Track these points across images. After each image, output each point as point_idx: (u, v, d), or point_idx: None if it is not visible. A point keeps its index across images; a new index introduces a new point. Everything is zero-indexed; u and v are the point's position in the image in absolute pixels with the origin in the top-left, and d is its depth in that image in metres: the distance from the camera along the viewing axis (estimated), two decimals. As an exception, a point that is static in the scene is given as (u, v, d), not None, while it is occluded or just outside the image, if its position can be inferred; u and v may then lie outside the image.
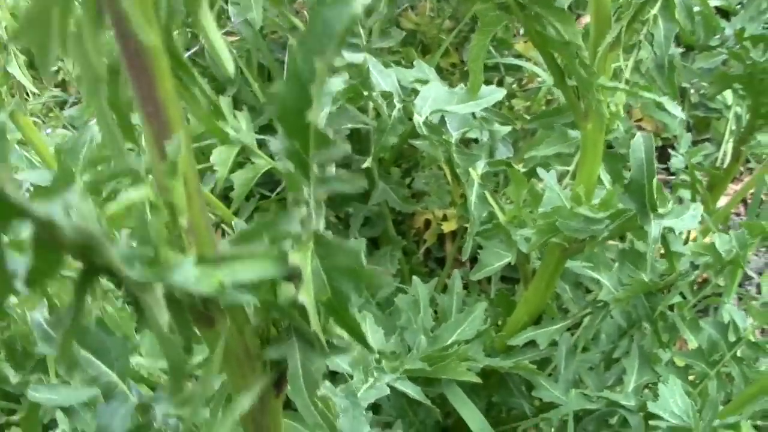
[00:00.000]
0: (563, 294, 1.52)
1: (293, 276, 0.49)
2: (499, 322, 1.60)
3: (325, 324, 0.51)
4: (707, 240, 1.46)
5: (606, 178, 1.35)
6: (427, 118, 1.35)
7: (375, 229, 1.91)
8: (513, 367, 1.39)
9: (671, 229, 1.13)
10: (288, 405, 0.63)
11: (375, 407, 1.68)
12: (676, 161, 1.55)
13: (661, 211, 1.09)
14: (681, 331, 1.55)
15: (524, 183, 1.34)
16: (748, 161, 2.35)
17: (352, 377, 1.17)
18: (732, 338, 1.41)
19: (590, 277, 1.52)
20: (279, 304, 0.51)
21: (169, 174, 0.44)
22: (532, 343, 1.51)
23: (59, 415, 0.76)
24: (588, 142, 1.24)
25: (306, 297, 0.47)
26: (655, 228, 1.08)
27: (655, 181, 1.05)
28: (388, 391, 1.14)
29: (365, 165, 1.45)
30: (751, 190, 2.05)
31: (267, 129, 1.95)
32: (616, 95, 1.25)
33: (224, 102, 1.82)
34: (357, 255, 0.48)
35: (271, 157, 1.86)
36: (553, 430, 1.44)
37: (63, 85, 2.48)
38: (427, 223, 1.98)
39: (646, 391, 1.47)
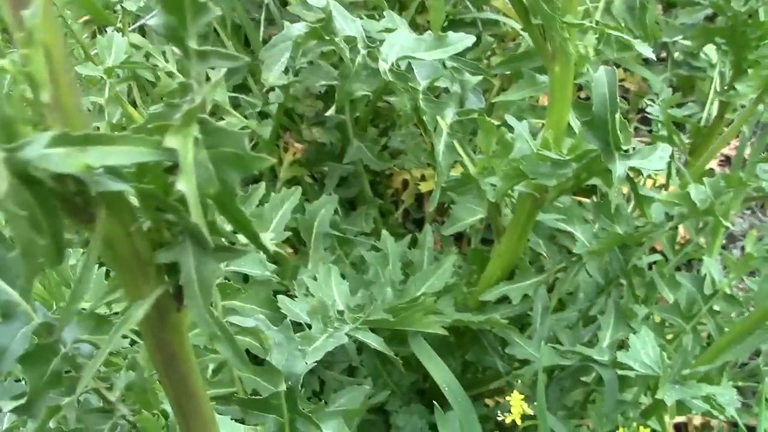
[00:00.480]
0: (537, 248, 1.48)
1: (176, 166, 0.45)
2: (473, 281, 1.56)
3: (213, 221, 0.47)
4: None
5: (577, 125, 1.30)
6: (393, 65, 1.31)
7: (351, 190, 1.87)
8: (485, 322, 1.36)
9: (638, 172, 1.09)
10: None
11: (350, 369, 1.65)
12: (653, 110, 1.50)
13: (626, 150, 1.05)
14: (659, 288, 1.51)
15: (494, 132, 1.30)
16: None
17: (310, 327, 1.13)
18: (708, 291, 1.37)
19: (565, 232, 1.49)
20: (163, 199, 0.47)
21: (26, 43, 0.40)
22: (505, 300, 1.48)
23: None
24: (556, 85, 1.20)
25: (186, 185, 0.43)
26: (620, 167, 1.04)
27: (618, 117, 1.01)
28: (346, 340, 1.11)
29: (328, 113, 1.41)
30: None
31: (241, 89, 1.91)
32: (586, 37, 1.21)
33: (197, 60, 1.78)
34: (241, 139, 0.44)
35: (245, 116, 1.82)
36: (523, 385, 1.41)
37: None
38: (405, 184, 1.94)
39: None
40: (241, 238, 0.50)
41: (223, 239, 0.48)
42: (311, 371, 1.66)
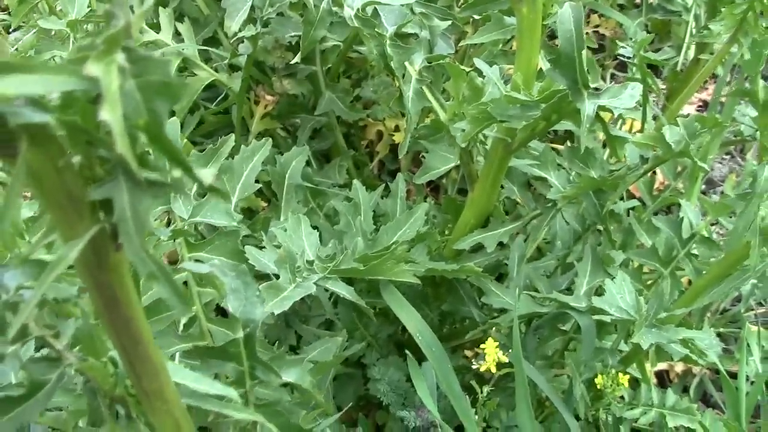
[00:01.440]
0: (511, 195, 1.45)
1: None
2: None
3: (144, 154, 0.44)
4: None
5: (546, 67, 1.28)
6: (359, 10, 1.28)
7: (324, 142, 1.84)
8: (459, 270, 1.33)
9: (610, 113, 1.06)
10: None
11: (328, 323, 1.63)
12: (626, 52, 1.48)
13: (595, 89, 1.02)
14: (637, 233, 1.50)
15: (463, 77, 1.27)
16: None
17: (277, 278, 1.11)
18: (686, 235, 1.35)
19: (540, 179, 1.47)
20: (91, 132, 0.44)
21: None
22: (480, 249, 1.46)
23: None
24: (524, 26, 1.16)
25: (110, 115, 0.41)
26: (588, 106, 1.01)
27: (585, 53, 0.99)
28: (314, 289, 1.08)
29: (294, 60, 1.38)
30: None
31: (211, 42, 1.87)
32: (554, -24, 1.18)
33: (165, 14, 1.74)
34: (167, 67, 0.42)
35: (215, 69, 1.79)
36: (501, 334, 1.39)
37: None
38: (380, 135, 1.91)
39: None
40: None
41: (156, 174, 0.46)
42: (287, 325, 1.65)
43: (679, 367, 1.72)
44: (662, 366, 1.72)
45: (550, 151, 1.42)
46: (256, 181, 1.38)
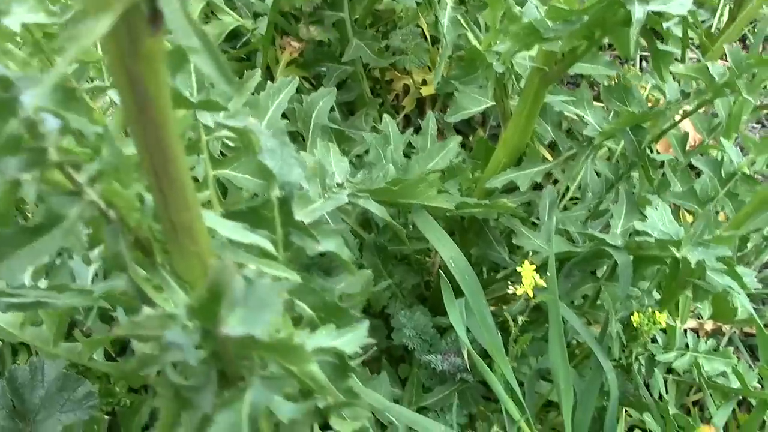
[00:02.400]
0: (545, 134, 1.41)
1: None
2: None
3: None
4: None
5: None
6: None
7: (350, 93, 1.80)
8: (491, 206, 1.28)
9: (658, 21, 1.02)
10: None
11: (350, 276, 1.58)
12: None
13: (642, -3, 0.98)
14: (671, 182, 1.45)
15: (501, 4, 1.23)
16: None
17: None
18: (725, 174, 1.30)
19: (575, 119, 1.42)
20: None
21: None
22: (513, 192, 1.41)
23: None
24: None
25: None
26: (638, 10, 0.96)
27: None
28: (345, 201, 1.04)
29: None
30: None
31: (236, -11, 1.84)
32: None
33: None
34: None
35: (240, 16, 1.75)
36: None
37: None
38: (406, 89, 1.87)
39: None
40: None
41: None
42: (308, 271, 1.60)
43: (709, 326, 1.67)
44: (692, 324, 1.67)
45: (587, 89, 1.37)
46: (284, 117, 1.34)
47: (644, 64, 2.19)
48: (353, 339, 0.62)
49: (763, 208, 1.16)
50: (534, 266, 1.22)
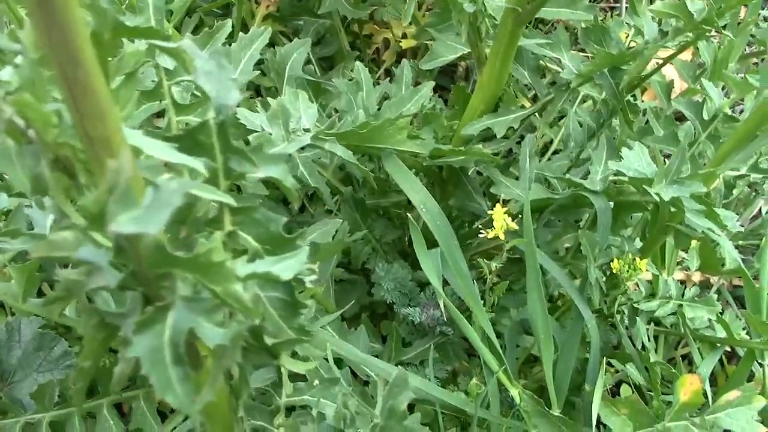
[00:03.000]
0: (522, 80, 1.37)
1: None
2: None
3: None
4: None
5: None
6: None
7: (328, 48, 1.76)
8: (466, 153, 1.25)
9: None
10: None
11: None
12: None
13: None
14: (654, 128, 1.41)
15: (473, -57, 1.19)
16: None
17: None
18: (707, 116, 1.27)
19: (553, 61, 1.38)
20: None
21: None
22: (490, 140, 1.38)
23: None
24: None
25: None
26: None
27: None
28: (308, 141, 1.00)
29: None
30: None
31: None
32: None
33: None
34: None
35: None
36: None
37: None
38: (386, 43, 1.83)
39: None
40: None
41: None
42: (289, 233, 1.57)
43: (697, 277, 1.63)
44: (679, 276, 1.64)
45: (564, 32, 1.33)
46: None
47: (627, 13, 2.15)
48: (292, 265, 0.58)
49: (742, 145, 1.13)
50: (507, 210, 1.18)
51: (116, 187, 0.42)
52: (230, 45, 1.32)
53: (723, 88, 1.69)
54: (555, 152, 1.75)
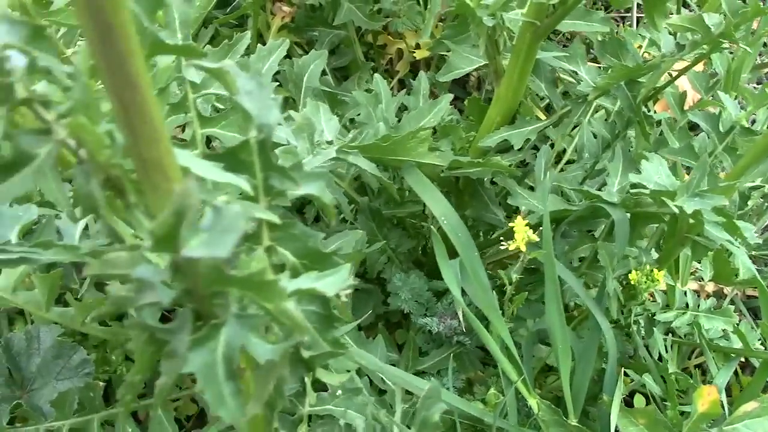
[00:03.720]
0: (539, 92, 1.38)
1: None
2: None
3: None
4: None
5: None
6: None
7: (343, 59, 1.78)
8: (484, 164, 1.26)
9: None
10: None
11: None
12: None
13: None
14: (669, 139, 1.43)
15: (491, -43, 1.20)
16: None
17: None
18: (723, 129, 1.28)
19: (569, 73, 1.40)
20: None
21: None
22: (507, 152, 1.39)
23: None
24: None
25: None
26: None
27: None
28: (334, 155, 1.02)
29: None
30: None
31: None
32: None
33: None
34: None
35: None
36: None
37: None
38: (400, 54, 1.84)
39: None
40: None
41: None
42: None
43: (711, 288, 1.65)
44: (693, 286, 1.65)
45: (581, 44, 1.35)
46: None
47: (641, 24, 2.16)
48: (335, 281, 0.60)
49: (761, 159, 1.14)
50: (527, 222, 1.20)
51: (185, 211, 0.43)
52: (248, 56, 1.33)
53: (735, 98, 1.70)
54: (568, 162, 1.76)
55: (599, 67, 1.39)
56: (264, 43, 1.70)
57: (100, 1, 0.46)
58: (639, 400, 1.48)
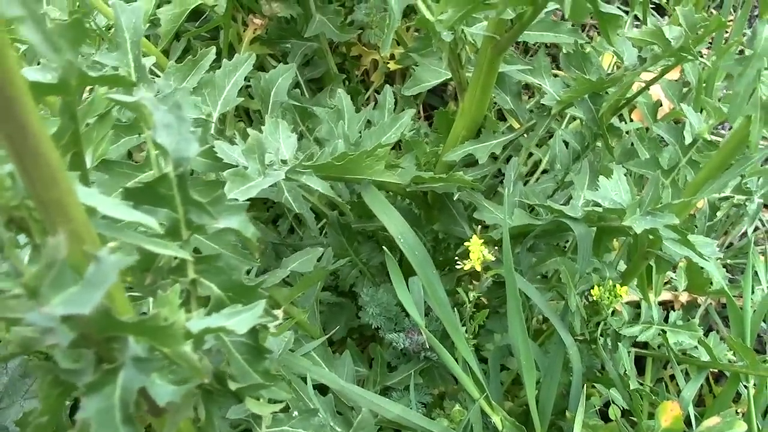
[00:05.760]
0: (504, 105, 1.38)
1: None
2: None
3: None
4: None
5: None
6: None
7: (317, 70, 1.77)
8: (448, 179, 1.26)
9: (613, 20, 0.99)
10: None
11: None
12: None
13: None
14: (638, 150, 1.42)
15: (450, -27, 1.20)
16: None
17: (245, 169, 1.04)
18: (687, 140, 1.27)
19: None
20: None
21: None
22: (473, 166, 1.39)
23: None
24: None
25: None
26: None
27: None
28: (282, 177, 1.01)
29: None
30: None
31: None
32: None
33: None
34: None
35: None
36: (495, 250, 1.31)
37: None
38: (375, 64, 1.84)
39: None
40: None
41: None
42: (277, 256, 1.58)
43: (684, 298, 1.64)
44: (666, 296, 1.64)
45: (545, 57, 1.34)
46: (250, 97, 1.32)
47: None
48: (248, 318, 0.59)
49: (717, 173, 1.13)
50: (484, 239, 1.19)
51: (52, 266, 0.42)
52: (217, 69, 1.33)
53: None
54: (544, 171, 1.75)
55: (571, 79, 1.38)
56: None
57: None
58: (614, 411, 1.48)
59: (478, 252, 1.15)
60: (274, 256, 1.60)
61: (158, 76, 1.42)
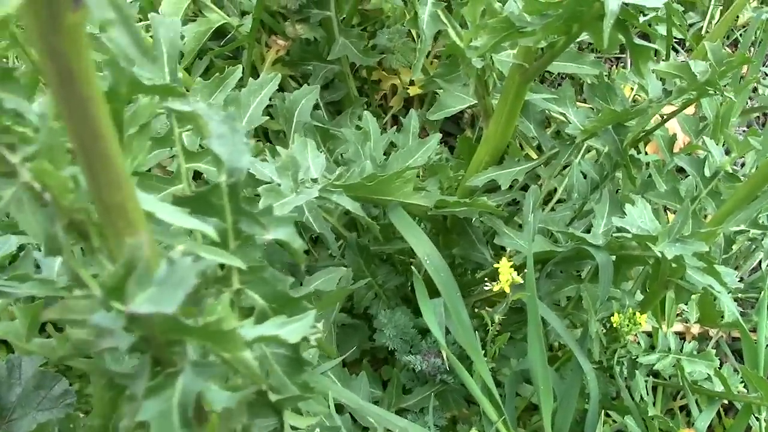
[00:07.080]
0: (528, 133, 1.39)
1: None
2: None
3: None
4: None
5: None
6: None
7: (337, 93, 1.78)
8: (471, 204, 1.27)
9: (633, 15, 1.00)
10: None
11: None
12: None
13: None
14: (656, 182, 1.43)
15: (481, 0, 1.21)
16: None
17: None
18: (708, 173, 1.29)
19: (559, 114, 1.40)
20: None
21: None
22: (495, 192, 1.40)
23: None
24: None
25: None
26: (612, 2, 0.95)
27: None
28: (317, 195, 1.02)
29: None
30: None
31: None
32: None
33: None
34: None
35: (228, 15, 1.74)
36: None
37: None
38: (394, 89, 1.86)
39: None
40: None
41: None
42: (292, 275, 1.58)
43: (696, 330, 1.65)
44: (678, 328, 1.65)
45: (570, 87, 1.36)
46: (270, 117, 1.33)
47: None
48: (298, 328, 0.60)
49: (742, 205, 1.14)
50: (512, 263, 1.20)
51: (134, 265, 0.43)
52: (240, 89, 1.34)
53: (724, 144, 1.71)
54: (559, 201, 1.76)
55: (592, 108, 1.40)
56: (258, 75, 1.72)
57: (61, 47, 0.46)
58: (625, 441, 1.48)
59: (507, 274, 1.16)
60: (290, 275, 1.60)
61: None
